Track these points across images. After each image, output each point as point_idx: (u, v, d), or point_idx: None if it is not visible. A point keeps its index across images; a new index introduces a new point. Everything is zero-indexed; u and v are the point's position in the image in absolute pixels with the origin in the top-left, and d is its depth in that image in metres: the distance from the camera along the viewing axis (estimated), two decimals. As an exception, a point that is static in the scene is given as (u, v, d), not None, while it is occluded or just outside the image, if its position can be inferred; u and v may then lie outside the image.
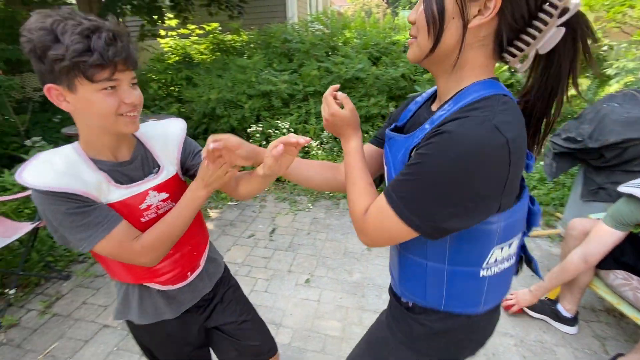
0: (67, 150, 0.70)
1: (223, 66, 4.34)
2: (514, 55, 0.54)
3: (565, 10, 0.48)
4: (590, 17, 4.49)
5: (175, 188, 0.82)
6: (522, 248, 0.70)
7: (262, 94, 3.90)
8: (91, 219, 0.66)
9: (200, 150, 0.86)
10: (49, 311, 1.83)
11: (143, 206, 0.75)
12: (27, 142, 3.10)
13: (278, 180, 3.46)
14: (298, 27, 4.76)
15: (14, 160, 3.33)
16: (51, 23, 0.57)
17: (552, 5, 0.48)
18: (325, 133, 3.71)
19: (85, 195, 0.66)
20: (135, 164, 0.77)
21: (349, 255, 2.30)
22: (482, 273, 0.62)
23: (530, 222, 0.66)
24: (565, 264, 1.47)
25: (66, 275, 2.09)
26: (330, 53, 4.25)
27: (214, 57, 5.30)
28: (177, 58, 5.50)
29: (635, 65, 3.86)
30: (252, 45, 4.87)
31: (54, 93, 0.63)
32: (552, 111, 0.59)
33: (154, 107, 4.19)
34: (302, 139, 0.63)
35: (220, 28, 5.57)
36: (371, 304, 1.86)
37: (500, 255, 0.62)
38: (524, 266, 0.73)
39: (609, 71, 4.06)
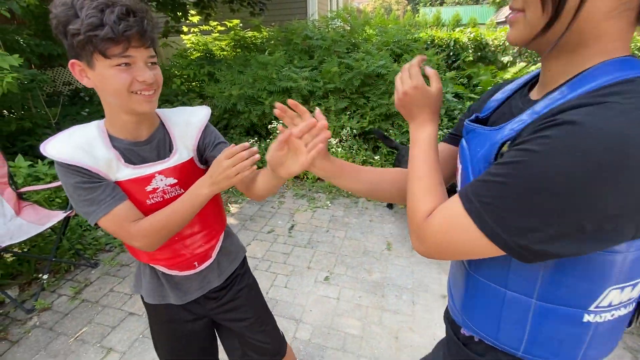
0: (91, 126, 0.73)
1: (244, 62, 4.38)
2: None
3: None
4: None
5: (186, 174, 0.80)
6: None
7: (283, 91, 3.91)
8: (96, 195, 0.68)
9: (222, 143, 0.84)
10: (78, 297, 1.90)
11: (149, 188, 0.75)
12: (58, 134, 3.23)
13: (296, 177, 3.47)
14: (319, 24, 4.75)
15: (46, 151, 3.48)
16: None
17: None
18: (345, 131, 3.69)
19: (93, 171, 0.68)
20: (150, 145, 0.77)
21: (368, 254, 2.28)
22: (587, 318, 0.45)
23: None
24: None
25: (94, 263, 2.17)
26: (351, 50, 4.22)
27: (234, 53, 5.36)
28: (199, 54, 5.60)
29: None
30: (272, 42, 4.90)
31: (77, 69, 0.65)
32: None
33: (176, 102, 4.27)
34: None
35: (241, 25, 5.62)
36: (391, 304, 1.84)
37: (619, 299, 0.44)
38: None
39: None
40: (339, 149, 3.49)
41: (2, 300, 1.86)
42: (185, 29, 5.95)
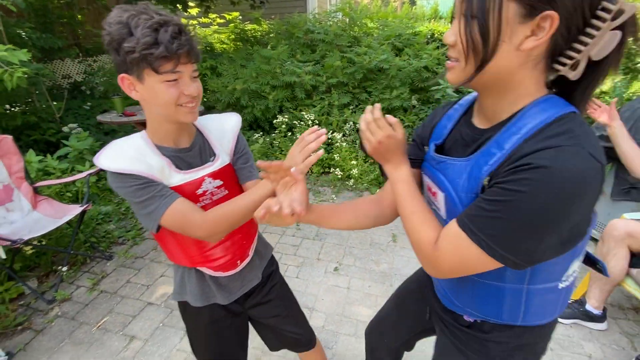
0: (135, 138, 0.76)
1: (246, 56, 4.39)
2: (563, 65, 0.50)
3: (620, 13, 0.45)
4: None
5: (228, 176, 0.86)
6: (587, 254, 0.70)
7: (286, 85, 3.94)
8: (156, 193, 0.72)
9: (246, 152, 0.91)
10: (96, 288, 1.96)
11: (199, 191, 0.79)
12: (65, 129, 3.24)
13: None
14: (320, 17, 4.75)
15: (50, 146, 3.48)
16: (127, 17, 0.63)
17: (605, 9, 0.45)
18: (347, 125, 3.74)
19: (150, 177, 0.72)
20: (194, 151, 0.82)
21: (375, 246, 2.36)
22: (561, 285, 0.62)
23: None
24: None
25: (109, 255, 2.22)
26: (353, 44, 4.24)
27: (234, 46, 5.34)
28: (199, 47, 5.56)
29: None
30: (272, 35, 4.89)
31: (126, 82, 0.69)
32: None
33: (179, 96, 4.28)
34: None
35: (240, 17, 5.59)
36: (399, 293, 1.92)
37: (577, 266, 0.63)
38: None
39: (641, 67, 3.95)
40: (343, 144, 3.54)
41: (22, 292, 1.91)
42: (183, 21, 5.89)
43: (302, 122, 3.69)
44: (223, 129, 0.88)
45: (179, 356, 1.54)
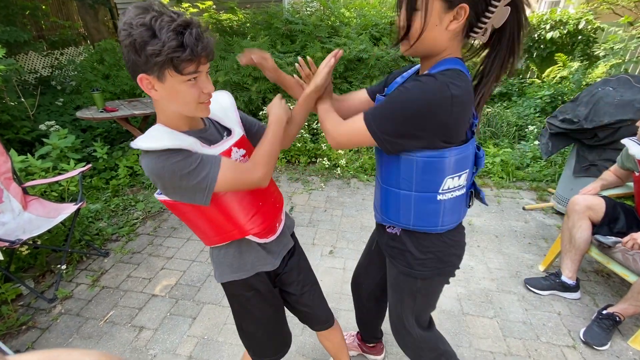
0: (157, 128, 0.77)
1: (226, 47, 4.34)
2: (476, 33, 0.75)
3: None
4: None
5: (248, 145, 0.92)
6: (473, 185, 0.92)
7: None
8: (204, 158, 0.75)
9: (251, 119, 1.00)
10: (97, 284, 1.98)
11: None
12: (42, 127, 3.13)
13: (289, 161, 3.60)
14: (297, 7, 4.75)
15: (25, 144, 3.35)
16: (150, 19, 0.63)
17: None
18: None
19: (193, 150, 0.75)
20: (210, 130, 0.86)
21: (365, 229, 2.50)
22: (439, 197, 0.84)
23: (477, 164, 0.89)
24: None
25: (105, 252, 2.23)
26: (331, 35, 4.30)
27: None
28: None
29: (621, 47, 4.07)
30: (248, 25, 4.84)
31: (145, 82, 0.69)
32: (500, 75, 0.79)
33: (158, 90, 4.19)
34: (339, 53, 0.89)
35: (214, 7, 5.47)
36: (391, 270, 2.08)
37: (452, 184, 0.83)
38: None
39: (598, 52, 4.27)
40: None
41: (20, 293, 1.90)
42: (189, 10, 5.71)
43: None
44: (222, 107, 0.92)
45: (190, 342, 1.62)
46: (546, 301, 1.85)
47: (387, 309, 1.16)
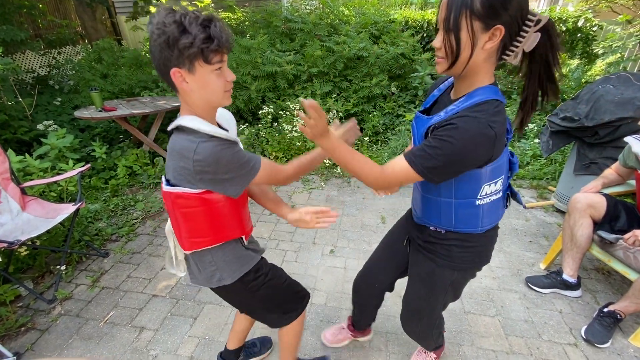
0: (200, 119, 0.83)
1: (225, 46, 4.31)
2: (508, 56, 0.78)
3: (539, 21, 0.72)
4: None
5: None
6: (509, 188, 0.99)
7: (267, 75, 3.94)
8: (249, 153, 0.85)
9: None
10: (97, 285, 1.97)
11: None
12: (40, 126, 3.11)
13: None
14: (296, 5, 4.73)
15: (23, 144, 3.33)
16: (180, 16, 0.71)
17: (530, 20, 0.73)
18: (331, 114, 3.82)
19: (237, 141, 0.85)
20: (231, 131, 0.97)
21: (365, 228, 2.50)
22: (478, 202, 0.90)
23: (512, 169, 0.94)
24: None
25: (105, 252, 2.22)
26: (331, 33, 4.28)
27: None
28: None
29: (619, 45, 4.08)
30: (247, 23, 4.82)
31: (177, 75, 0.76)
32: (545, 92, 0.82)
33: (155, 89, 4.17)
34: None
35: (213, 5, 5.45)
36: (392, 269, 2.07)
37: (489, 190, 0.89)
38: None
39: (597, 50, 4.27)
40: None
41: (19, 295, 1.89)
42: (153, 9, 5.67)
43: (287, 112, 3.73)
44: (227, 120, 1.00)
45: (191, 342, 1.61)
46: (547, 299, 1.85)
47: (405, 302, 1.21)
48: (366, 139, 3.73)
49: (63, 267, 1.93)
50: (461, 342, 1.61)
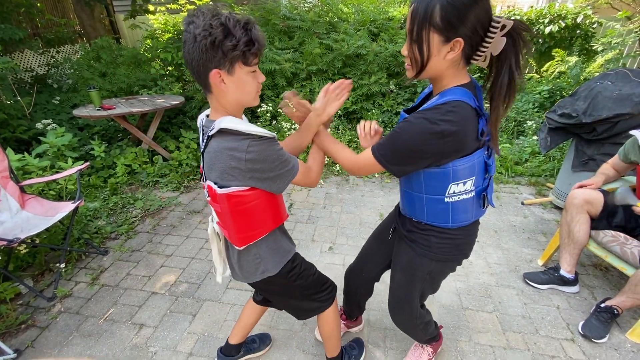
0: (233, 119, 0.85)
1: (223, 44, 4.31)
2: (476, 59, 0.83)
3: (504, 26, 0.76)
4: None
5: None
6: (486, 189, 0.99)
7: (266, 73, 3.93)
8: (287, 153, 0.90)
9: None
10: (97, 282, 1.98)
11: None
12: (39, 125, 3.11)
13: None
14: (295, 3, 4.72)
15: (22, 143, 3.33)
16: (225, 19, 0.74)
17: (494, 27, 0.77)
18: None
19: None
20: None
21: (364, 225, 2.51)
22: (446, 200, 0.94)
23: (488, 171, 0.96)
24: None
25: (104, 250, 2.22)
26: (329, 31, 4.28)
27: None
28: (169, 35, 5.37)
29: (618, 42, 4.07)
30: (248, 22, 4.81)
31: (217, 76, 0.79)
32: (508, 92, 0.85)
33: (155, 88, 4.16)
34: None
35: (211, 2, 5.43)
36: (390, 266, 2.08)
37: (457, 189, 0.92)
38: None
39: (597, 47, 4.27)
40: (328, 130, 3.62)
41: (19, 292, 1.90)
42: (151, 7, 5.66)
43: (285, 110, 3.73)
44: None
45: (190, 339, 1.62)
46: (545, 295, 1.86)
47: (390, 291, 1.25)
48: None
49: (63, 265, 1.94)
50: (459, 337, 1.62)
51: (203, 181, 1.01)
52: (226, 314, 1.75)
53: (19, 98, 3.37)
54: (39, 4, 4.75)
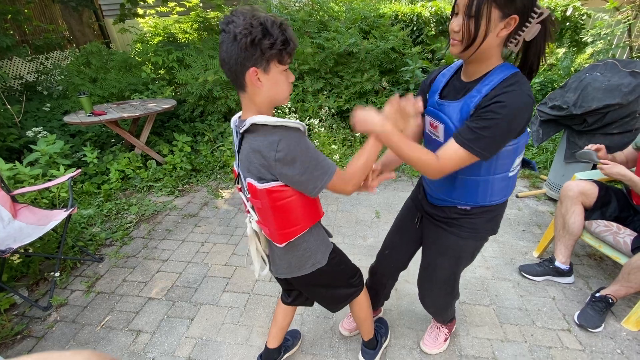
0: (265, 117, 0.86)
1: (214, 46, 4.29)
2: (511, 43, 0.86)
3: (541, 14, 0.81)
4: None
5: None
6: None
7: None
8: (324, 157, 0.89)
9: None
10: (92, 290, 1.96)
11: None
12: (30, 133, 3.08)
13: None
14: (285, 2, 4.71)
15: (13, 152, 3.29)
16: (263, 19, 0.76)
17: (535, 13, 0.81)
18: (323, 111, 3.82)
19: None
20: None
21: (360, 223, 2.51)
22: (510, 174, 0.99)
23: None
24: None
25: (99, 257, 2.21)
26: (320, 29, 4.27)
27: (198, 36, 5.18)
28: (160, 38, 5.33)
29: (607, 33, 4.10)
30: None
31: (253, 74, 0.80)
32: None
33: (146, 92, 4.13)
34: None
35: (201, 4, 5.40)
36: (387, 263, 2.08)
37: (518, 161, 0.98)
38: None
39: (586, 39, 4.30)
40: (321, 129, 3.62)
41: (14, 303, 1.88)
42: (140, 11, 5.61)
43: (279, 110, 3.72)
44: None
45: (188, 343, 1.62)
46: (541, 287, 1.87)
47: (427, 277, 1.26)
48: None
49: (57, 274, 1.92)
50: (456, 332, 1.63)
51: (237, 183, 1.03)
52: (224, 317, 1.75)
53: (8, 106, 3.33)
54: (26, 11, 4.69)
